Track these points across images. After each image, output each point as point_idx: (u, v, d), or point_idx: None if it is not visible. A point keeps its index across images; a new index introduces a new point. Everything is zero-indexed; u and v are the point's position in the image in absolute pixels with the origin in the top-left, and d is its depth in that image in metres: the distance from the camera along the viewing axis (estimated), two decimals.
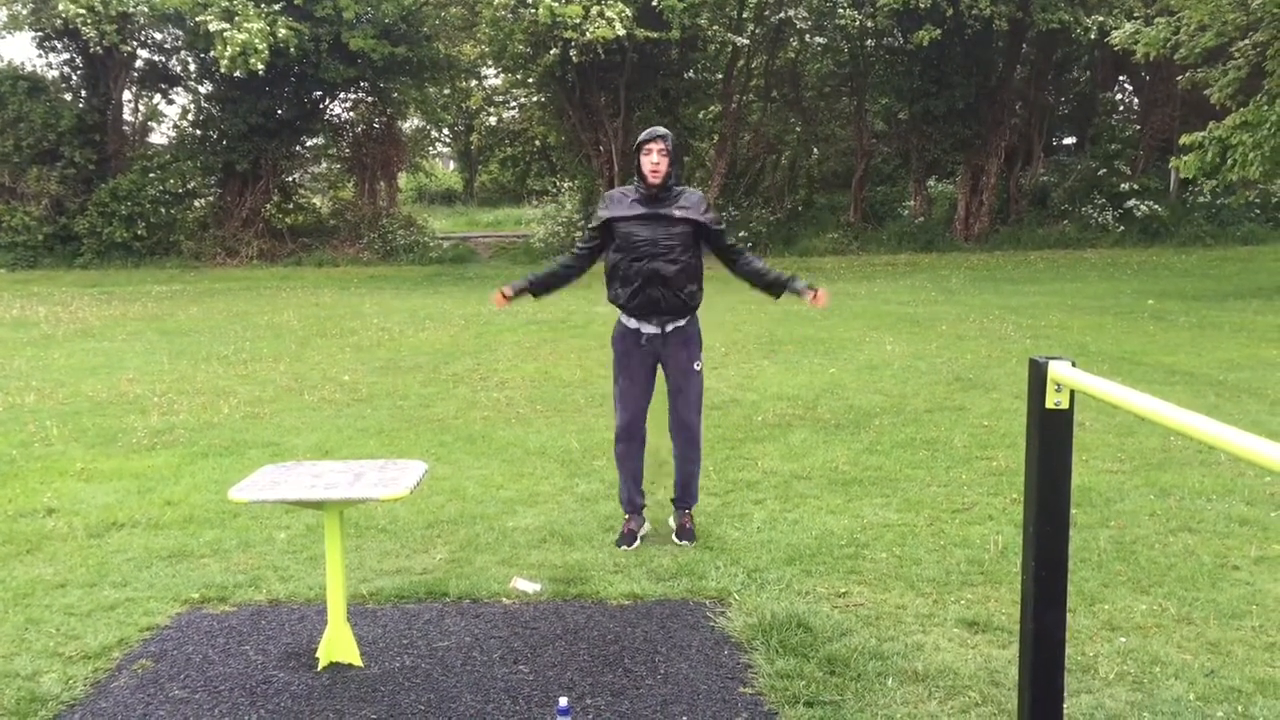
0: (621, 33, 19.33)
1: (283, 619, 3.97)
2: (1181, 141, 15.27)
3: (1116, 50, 17.58)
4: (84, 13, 19.79)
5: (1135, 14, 18.44)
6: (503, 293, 4.74)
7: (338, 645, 3.59)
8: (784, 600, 4.01)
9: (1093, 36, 21.20)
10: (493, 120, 36.13)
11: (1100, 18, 20.86)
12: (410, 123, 29.86)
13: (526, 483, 5.75)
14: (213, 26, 19.50)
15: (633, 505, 4.84)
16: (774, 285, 4.79)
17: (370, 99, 25.14)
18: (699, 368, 4.77)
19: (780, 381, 8.61)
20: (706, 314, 4.87)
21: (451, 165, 46.04)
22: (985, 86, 23.90)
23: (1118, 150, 25.06)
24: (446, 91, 27.96)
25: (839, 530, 4.86)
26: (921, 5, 20.21)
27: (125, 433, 7.08)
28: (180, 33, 22.68)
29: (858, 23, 22.07)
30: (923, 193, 25.78)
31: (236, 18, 19.60)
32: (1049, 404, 2.32)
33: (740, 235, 22.89)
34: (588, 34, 19.14)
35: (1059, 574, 2.42)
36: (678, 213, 4.61)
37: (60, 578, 4.39)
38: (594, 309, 13.46)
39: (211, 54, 20.23)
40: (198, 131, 24.29)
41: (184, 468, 6.16)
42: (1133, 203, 24.02)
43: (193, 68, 24.13)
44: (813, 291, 4.66)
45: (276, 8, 20.35)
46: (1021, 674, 2.51)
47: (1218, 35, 14.76)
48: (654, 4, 19.94)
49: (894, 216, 25.88)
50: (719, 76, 25.41)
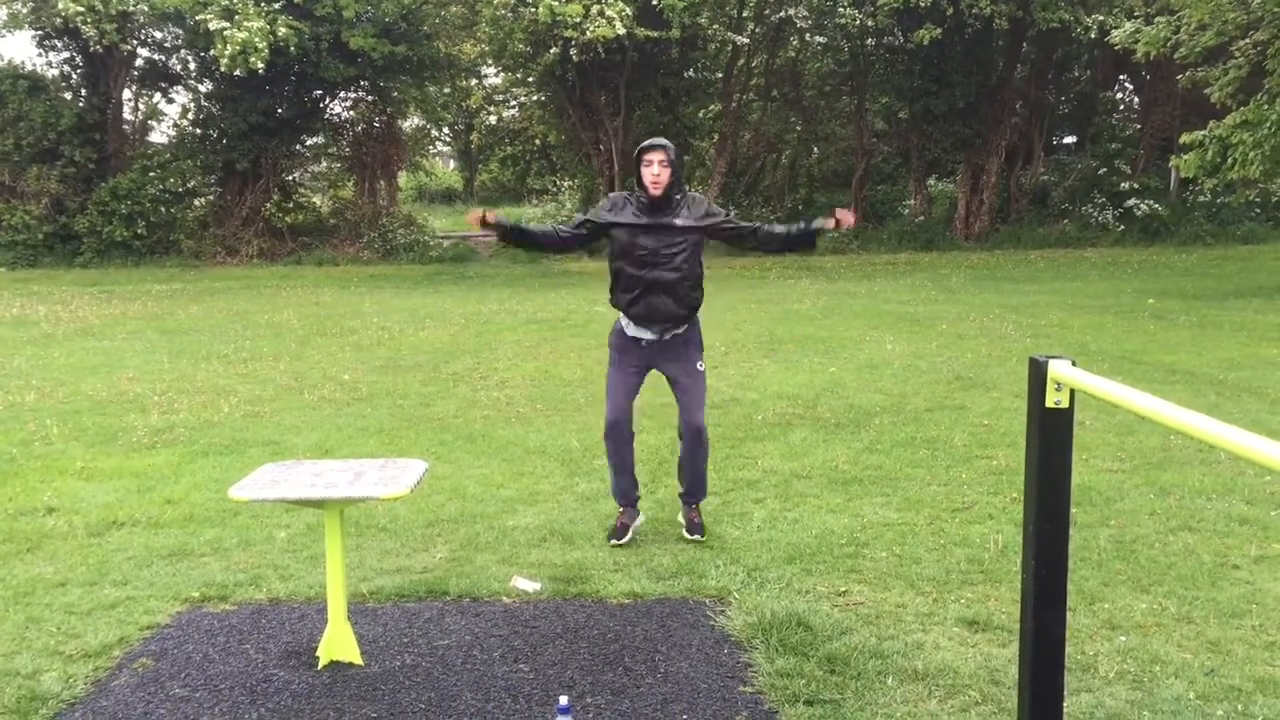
0: (622, 32, 19.33)
1: (283, 618, 3.98)
2: (1182, 140, 15.27)
3: (1117, 49, 17.58)
4: (84, 11, 19.77)
5: (1135, 13, 18.44)
6: (484, 215, 4.57)
7: (338, 644, 3.59)
8: (784, 599, 4.02)
9: (1093, 35, 21.21)
10: (493, 119, 36.15)
11: (1100, 17, 20.86)
12: (410, 122, 29.87)
13: (526, 482, 5.75)
14: (213, 25, 19.50)
15: (626, 498, 4.82)
16: (801, 239, 4.71)
17: (370, 98, 25.13)
18: (702, 368, 4.77)
19: (780, 380, 8.61)
20: (706, 313, 4.87)
21: (452, 164, 46.05)
22: (985, 85, 23.89)
23: (1118, 149, 25.07)
24: (447, 90, 27.96)
25: (839, 529, 4.86)
26: (922, 4, 20.21)
27: (125, 431, 7.08)
28: (180, 31, 22.68)
29: (858, 21, 22.08)
30: (923, 192, 25.77)
31: (236, 16, 19.59)
32: (1049, 403, 2.33)
33: None
34: (588, 33, 19.14)
35: (1059, 573, 2.42)
36: (679, 222, 4.59)
37: (61, 576, 4.39)
38: (594, 308, 13.46)
39: (211, 53, 20.22)
40: (198, 130, 24.29)
41: (184, 466, 6.16)
42: (1133, 202, 24.02)
43: (193, 66, 24.13)
44: (834, 219, 4.53)
45: (276, 6, 20.35)
46: (1021, 672, 2.52)
47: (1218, 34, 14.76)
48: (654, 3, 19.93)
49: (894, 215, 25.88)
50: (719, 75, 25.42)
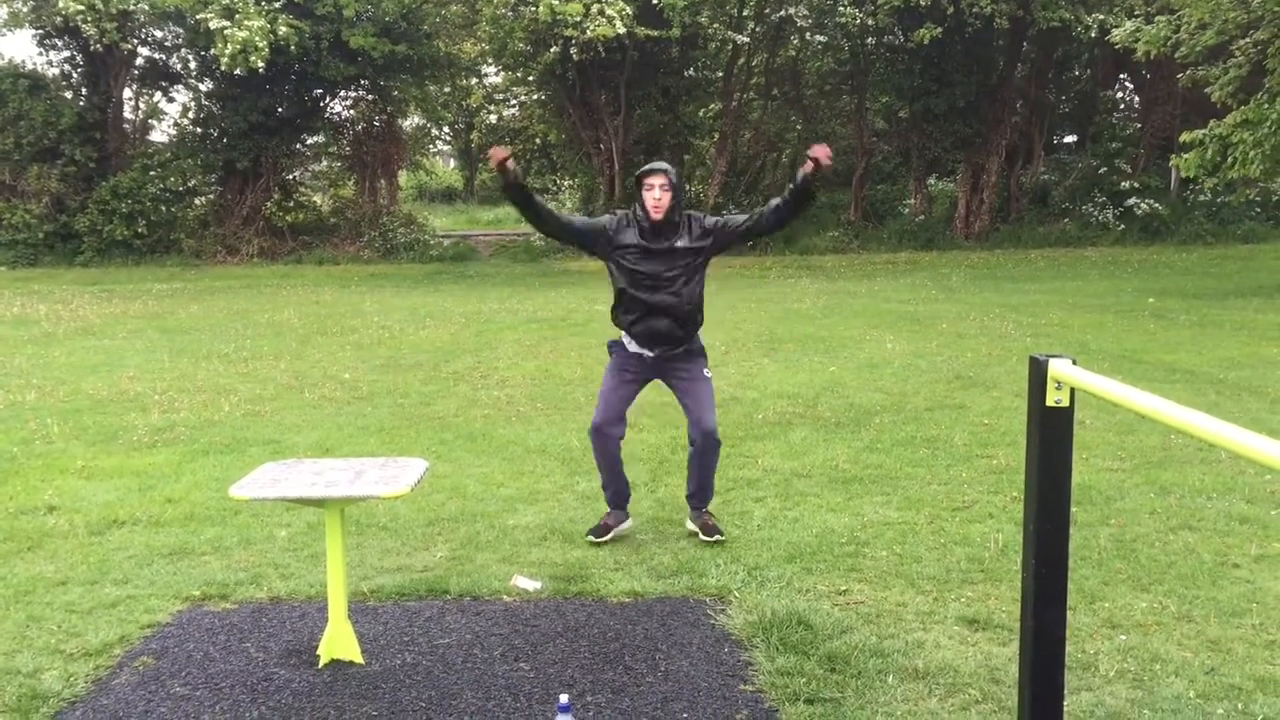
0: (622, 31, 19.33)
1: (284, 616, 3.98)
2: (1182, 139, 15.26)
3: (1117, 48, 17.56)
4: (84, 10, 19.77)
5: (1136, 12, 18.41)
6: (507, 159, 4.35)
7: (339, 642, 3.59)
8: (784, 598, 4.02)
9: (1093, 35, 21.18)
10: (493, 118, 36.10)
11: (1101, 16, 20.84)
12: (411, 121, 29.85)
13: (527, 480, 5.75)
14: (213, 24, 19.49)
15: (615, 499, 4.79)
16: (797, 198, 4.52)
17: (371, 97, 25.12)
18: (708, 374, 4.77)
19: (780, 379, 8.61)
20: (707, 312, 4.85)
21: (452, 163, 46.03)
22: (986, 85, 23.87)
23: (1118, 148, 25.03)
24: (447, 89, 27.96)
25: (839, 528, 4.86)
26: (922, 3, 20.20)
27: (126, 430, 7.08)
28: (180, 30, 22.67)
29: (858, 20, 22.06)
30: (923, 191, 25.75)
31: (237, 15, 19.59)
32: (1049, 402, 2.33)
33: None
34: (588, 32, 19.14)
35: (1059, 572, 2.42)
36: (680, 245, 4.59)
37: (61, 575, 4.40)
38: (594, 307, 13.46)
39: (212, 52, 20.22)
40: (198, 129, 24.28)
41: (185, 465, 6.17)
42: (1133, 201, 24.00)
43: (193, 65, 24.11)
44: (811, 163, 4.36)
45: (277, 5, 20.34)
46: (1022, 671, 2.52)
47: (1218, 33, 14.75)
48: (654, 2, 19.93)
49: (894, 215, 25.85)
50: (719, 74, 25.40)
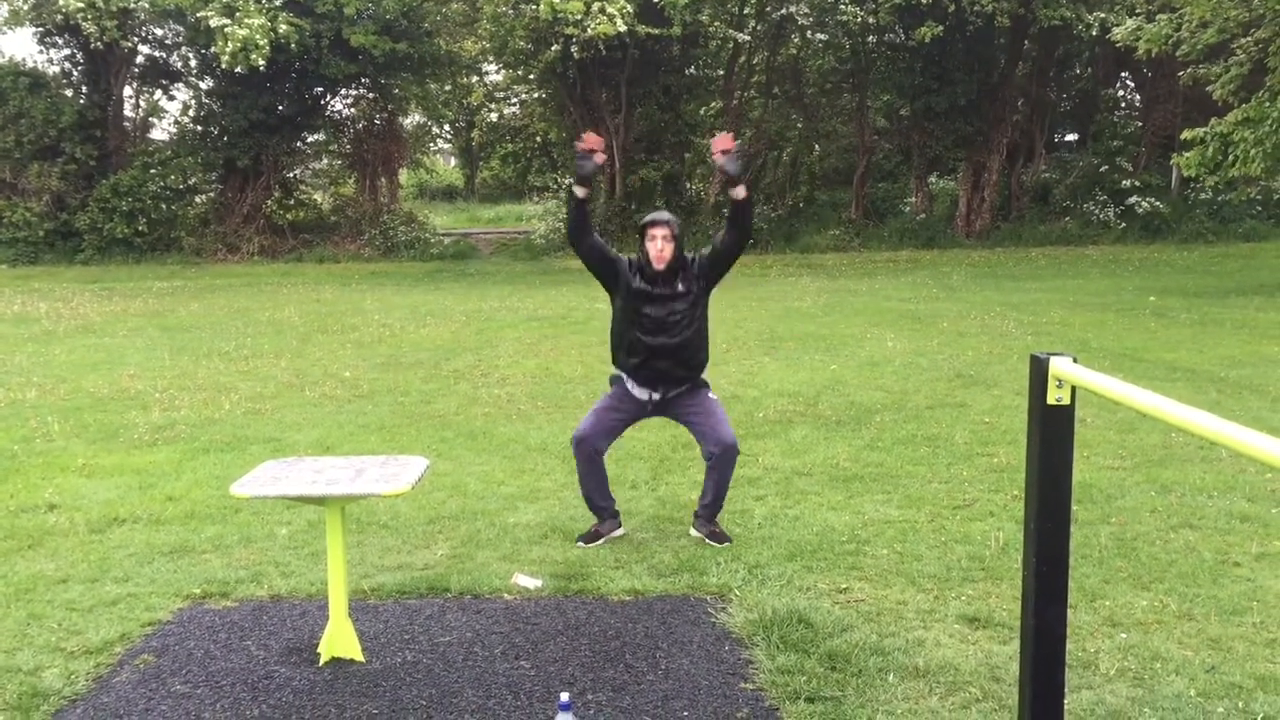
0: (623, 29, 19.32)
1: (284, 614, 3.98)
2: (1183, 137, 15.25)
3: (1118, 47, 17.54)
4: (84, 8, 19.78)
5: (1137, 10, 18.40)
6: (599, 158, 4.58)
7: (339, 640, 3.59)
8: (785, 596, 4.02)
9: (1094, 33, 21.18)
10: (494, 116, 36.13)
11: (1102, 14, 20.83)
12: (411, 119, 29.84)
13: (527, 479, 5.76)
14: (213, 22, 19.49)
15: (600, 511, 4.76)
16: (735, 205, 4.56)
17: (371, 95, 25.13)
18: (714, 397, 4.78)
19: (781, 378, 8.61)
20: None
21: (453, 161, 46.01)
22: (987, 83, 23.86)
23: (1119, 147, 25.01)
24: (448, 88, 27.96)
25: (840, 526, 4.86)
26: (923, 1, 20.19)
27: (126, 428, 7.09)
28: (181, 28, 22.67)
29: (859, 19, 22.05)
30: (924, 189, 25.74)
31: (237, 13, 19.59)
32: (1050, 400, 2.32)
33: None
34: (589, 30, 19.13)
35: (1060, 570, 2.42)
36: (680, 288, 4.62)
37: (62, 573, 4.40)
38: (594, 305, 13.45)
39: (212, 50, 20.22)
40: (199, 127, 24.30)
41: (185, 463, 6.17)
42: (1134, 199, 23.99)
43: (194, 64, 24.12)
44: (717, 154, 4.47)
45: (277, 3, 20.35)
46: (1022, 670, 2.52)
47: (1219, 32, 14.73)
48: (655, 0, 19.92)
49: (895, 213, 25.84)
50: (720, 73, 25.40)
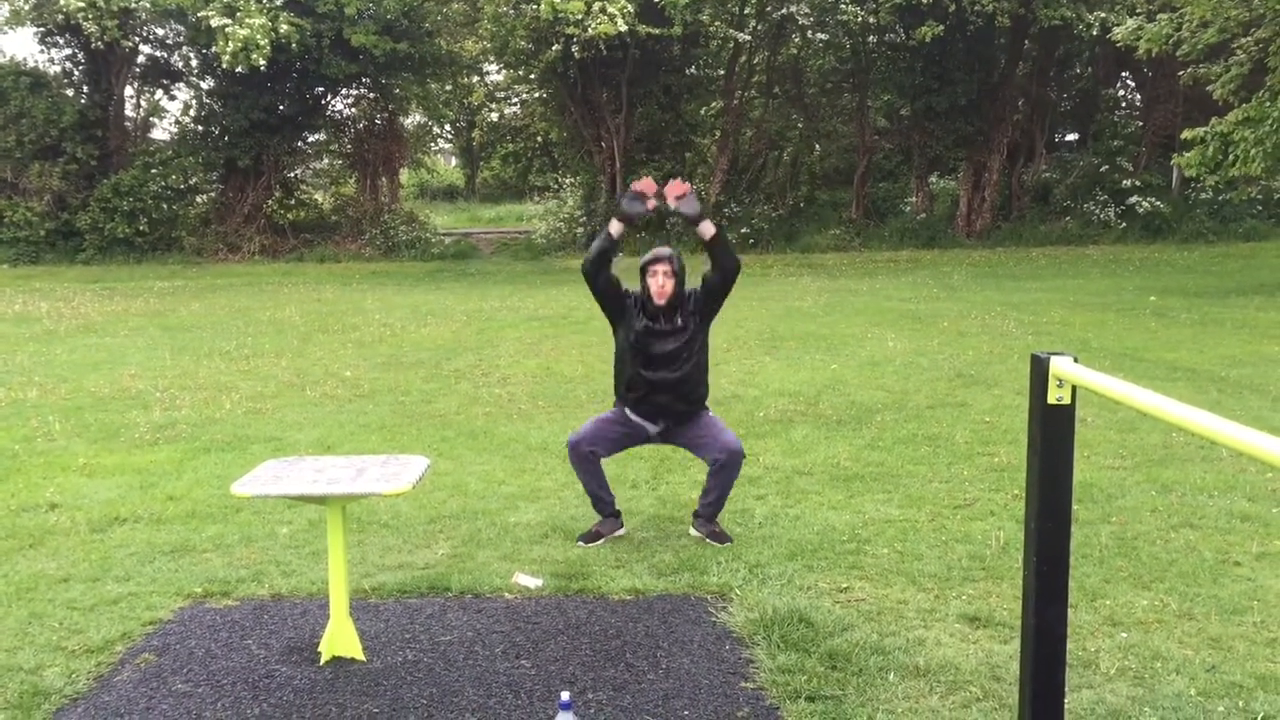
0: (623, 29, 19.33)
1: (285, 613, 3.98)
2: (1183, 137, 15.24)
3: (1119, 46, 17.52)
4: (85, 8, 19.78)
5: (1137, 10, 18.40)
6: (651, 204, 4.59)
7: (340, 640, 3.60)
8: (785, 595, 4.02)
9: (1095, 33, 21.16)
10: (494, 116, 36.16)
11: (1102, 14, 20.81)
12: (412, 119, 29.84)
13: (528, 478, 5.76)
14: (214, 22, 19.49)
15: (602, 508, 4.77)
16: (711, 244, 4.61)
17: (372, 95, 25.12)
18: (712, 414, 4.80)
19: (782, 377, 8.61)
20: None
21: (453, 161, 46.01)
22: (987, 83, 23.86)
23: (1120, 146, 25.00)
24: (448, 87, 27.95)
25: (840, 526, 4.86)
26: (924, 1, 20.18)
27: (127, 428, 7.09)
28: (182, 28, 22.67)
29: (860, 18, 22.05)
30: (925, 189, 25.72)
31: (238, 13, 19.59)
32: (1051, 400, 2.33)
33: (742, 232, 22.91)
34: (590, 30, 19.14)
35: (1060, 569, 2.42)
36: (680, 321, 4.66)
37: (63, 572, 4.40)
38: (595, 306, 13.45)
39: (213, 49, 20.22)
40: (200, 127, 24.30)
41: (186, 463, 6.17)
42: (1135, 199, 23.97)
43: (194, 63, 24.12)
44: (675, 203, 4.54)
45: (278, 3, 20.35)
46: (1023, 669, 2.52)
47: (1220, 31, 14.73)
48: (656, 0, 19.92)
49: (896, 213, 25.83)
50: (721, 72, 25.40)
